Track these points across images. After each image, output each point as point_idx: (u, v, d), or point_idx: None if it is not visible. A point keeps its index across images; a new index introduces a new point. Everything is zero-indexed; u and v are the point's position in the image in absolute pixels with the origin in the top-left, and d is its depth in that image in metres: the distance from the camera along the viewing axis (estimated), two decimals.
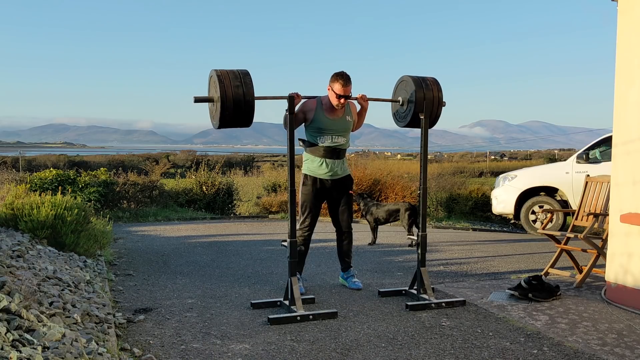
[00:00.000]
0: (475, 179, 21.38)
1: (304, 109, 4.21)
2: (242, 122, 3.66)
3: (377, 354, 3.01)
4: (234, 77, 3.57)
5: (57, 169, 11.36)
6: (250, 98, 3.57)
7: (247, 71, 3.65)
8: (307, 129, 4.29)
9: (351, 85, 4.12)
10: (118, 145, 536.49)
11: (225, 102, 3.53)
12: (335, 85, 4.11)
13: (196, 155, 40.22)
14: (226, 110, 3.55)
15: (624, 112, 4.06)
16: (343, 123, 4.26)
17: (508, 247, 7.12)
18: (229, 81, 3.54)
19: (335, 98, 4.12)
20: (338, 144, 4.26)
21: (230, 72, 3.60)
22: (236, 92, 3.54)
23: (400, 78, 4.37)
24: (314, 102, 4.23)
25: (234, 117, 3.59)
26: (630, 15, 4.00)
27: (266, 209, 11.90)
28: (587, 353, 3.03)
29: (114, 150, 68.06)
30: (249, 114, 3.62)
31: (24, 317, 2.56)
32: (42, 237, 5.05)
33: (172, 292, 4.39)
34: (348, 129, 4.31)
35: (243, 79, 3.58)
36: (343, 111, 4.27)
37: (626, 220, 3.94)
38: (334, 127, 4.22)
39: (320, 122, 4.20)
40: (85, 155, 42.55)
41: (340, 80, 4.09)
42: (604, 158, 8.03)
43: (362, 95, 4.28)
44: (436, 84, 4.21)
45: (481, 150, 74.11)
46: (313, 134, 4.26)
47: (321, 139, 4.23)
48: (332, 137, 4.23)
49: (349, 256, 4.54)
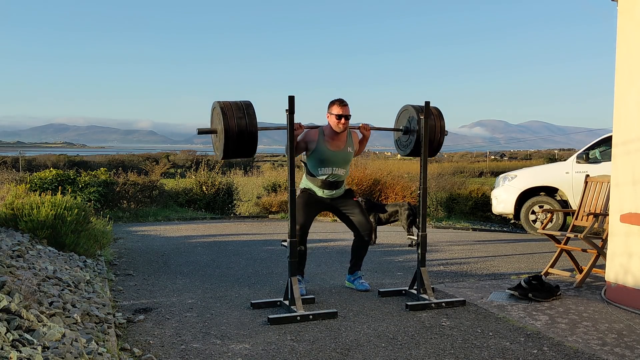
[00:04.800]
0: (475, 179, 21.39)
1: (306, 139, 4.22)
2: (245, 153, 3.68)
3: (377, 354, 3.01)
4: (236, 109, 3.59)
5: (57, 169, 11.36)
6: (254, 129, 3.60)
7: (249, 102, 3.68)
8: (308, 158, 4.31)
9: (348, 106, 4.18)
10: (118, 145, 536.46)
11: (229, 134, 3.54)
12: (333, 109, 4.17)
13: (196, 155, 40.20)
14: (229, 142, 3.57)
15: (624, 112, 4.06)
16: (344, 155, 4.28)
17: (508, 247, 7.12)
18: (232, 113, 3.56)
19: (336, 119, 4.15)
20: (338, 175, 4.30)
21: (234, 104, 3.62)
22: (239, 124, 3.55)
23: (403, 107, 4.44)
24: (316, 132, 4.24)
25: (237, 148, 3.61)
26: (630, 15, 4.00)
27: (266, 209, 11.90)
28: (587, 353, 3.03)
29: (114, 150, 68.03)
30: (252, 145, 3.64)
31: (24, 317, 2.56)
32: (42, 237, 5.05)
33: (172, 292, 4.39)
34: (349, 161, 4.35)
35: (246, 111, 3.59)
36: (345, 142, 4.28)
37: (626, 220, 3.94)
38: (335, 159, 4.24)
39: (321, 154, 4.22)
40: (85, 155, 42.52)
41: (336, 103, 4.17)
42: (604, 158, 8.03)
43: (364, 125, 4.33)
44: (438, 113, 4.28)
45: (481, 150, 74.10)
46: (314, 165, 4.27)
47: (322, 170, 4.26)
48: (332, 169, 4.26)
49: (361, 261, 4.53)
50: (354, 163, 12.01)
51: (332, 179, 4.28)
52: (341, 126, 4.16)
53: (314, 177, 4.29)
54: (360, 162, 12.44)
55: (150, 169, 17.72)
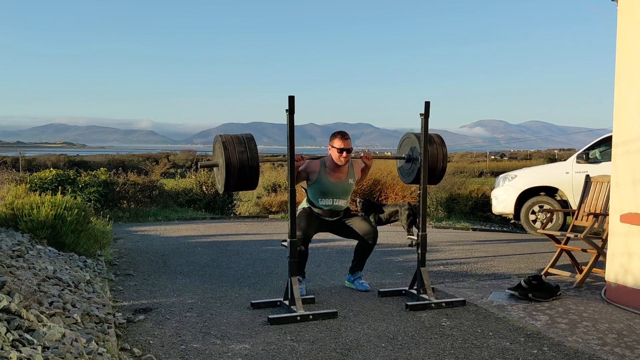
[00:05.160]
0: (475, 179, 21.36)
1: (308, 170, 4.23)
2: (246, 186, 3.70)
3: (377, 354, 3.01)
4: (238, 143, 3.61)
5: (57, 169, 11.36)
6: (255, 163, 3.62)
7: (251, 136, 3.70)
8: (308, 187, 4.33)
9: (350, 140, 4.20)
10: (118, 145, 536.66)
11: (230, 168, 3.56)
12: (335, 142, 4.18)
13: (196, 155, 40.15)
14: (231, 176, 3.59)
15: (624, 112, 4.06)
16: (345, 186, 4.29)
17: (508, 247, 7.12)
18: (233, 147, 3.58)
19: (338, 153, 4.16)
20: (338, 205, 4.32)
21: (235, 138, 3.64)
22: (241, 158, 3.57)
23: (405, 135, 4.46)
24: (318, 163, 4.25)
25: (239, 182, 3.63)
26: (630, 15, 4.00)
27: (266, 209, 11.90)
28: (587, 353, 3.03)
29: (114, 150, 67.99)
30: (253, 179, 3.66)
31: (24, 317, 2.56)
32: (42, 237, 5.05)
33: (172, 292, 4.40)
34: (349, 192, 4.36)
35: (247, 145, 3.61)
36: (346, 174, 4.29)
37: (626, 220, 3.94)
38: (336, 190, 4.26)
39: (322, 186, 4.23)
40: (85, 155, 42.48)
41: (338, 136, 4.19)
42: (604, 158, 8.03)
43: (365, 154, 4.37)
44: (440, 141, 4.30)
45: (481, 150, 74.07)
46: (314, 195, 4.29)
47: (322, 201, 4.28)
48: (333, 200, 4.28)
49: (364, 262, 4.53)
50: None
51: (334, 209, 4.31)
52: (343, 159, 4.17)
53: (315, 206, 4.31)
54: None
55: (150, 169, 17.70)
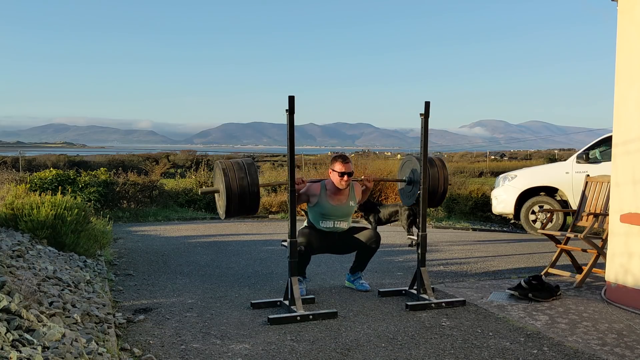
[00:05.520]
0: (475, 179, 21.34)
1: (308, 192, 4.24)
2: (247, 211, 3.71)
3: (377, 353, 3.01)
4: (238, 169, 3.62)
5: (57, 169, 11.35)
6: (255, 189, 3.63)
7: (251, 161, 3.72)
8: (309, 209, 4.34)
9: (350, 163, 4.21)
10: (118, 145, 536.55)
11: (230, 194, 3.57)
12: (335, 166, 4.19)
13: (196, 155, 40.11)
14: (231, 202, 3.60)
15: (624, 112, 4.06)
16: (346, 209, 4.30)
17: (508, 247, 7.12)
18: (233, 173, 3.59)
19: (338, 177, 4.17)
20: (339, 227, 4.33)
21: (235, 164, 3.65)
22: (241, 184, 3.58)
23: (406, 157, 4.48)
24: (318, 186, 4.26)
25: (239, 208, 3.65)
26: (630, 15, 4.00)
27: (266, 209, 11.89)
28: (587, 353, 3.03)
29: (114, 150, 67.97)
30: (254, 204, 3.67)
31: (24, 317, 2.56)
32: (42, 237, 5.05)
33: (172, 292, 4.40)
34: (350, 214, 4.37)
35: (247, 170, 3.63)
36: (347, 196, 4.29)
37: (626, 220, 3.94)
38: (337, 213, 4.27)
39: (323, 208, 4.24)
40: (85, 155, 42.43)
41: (339, 160, 4.20)
42: (604, 158, 8.03)
43: (366, 177, 4.37)
44: (441, 164, 4.31)
45: (481, 150, 74.03)
46: (315, 217, 4.31)
47: (323, 222, 4.29)
48: (334, 222, 4.29)
49: (365, 264, 4.53)
50: (353, 163, 12.00)
51: (334, 231, 4.32)
52: (344, 183, 4.18)
53: (315, 227, 4.33)
54: (360, 162, 12.43)
55: (150, 169, 17.69)
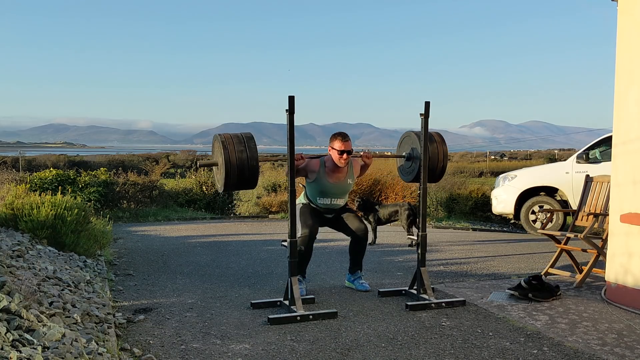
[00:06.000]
0: (475, 179, 21.36)
1: (307, 168, 4.24)
2: (246, 186, 3.69)
3: (377, 353, 3.01)
4: (237, 142, 3.59)
5: (57, 169, 11.36)
6: (255, 162, 3.60)
7: (250, 135, 3.69)
8: (307, 184, 4.35)
9: (350, 141, 4.20)
10: (118, 145, 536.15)
11: (229, 167, 3.55)
12: (335, 144, 4.19)
13: (196, 155, 40.12)
14: (230, 175, 3.58)
15: (624, 112, 4.06)
16: (344, 186, 4.31)
17: (508, 247, 7.12)
18: (232, 146, 3.56)
19: (338, 155, 4.17)
20: (336, 204, 4.34)
21: (234, 137, 3.62)
22: (240, 157, 3.56)
23: (405, 133, 4.46)
24: (317, 163, 4.26)
25: (238, 181, 3.62)
26: (630, 15, 4.00)
27: (266, 209, 11.90)
28: (587, 353, 3.03)
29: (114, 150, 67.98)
30: (253, 178, 3.65)
31: (24, 317, 2.56)
32: (42, 237, 5.05)
33: (172, 292, 4.40)
34: (348, 191, 4.39)
35: (247, 144, 3.60)
36: (346, 174, 4.30)
37: (626, 220, 3.94)
38: (335, 190, 4.28)
39: (321, 186, 4.25)
40: (85, 155, 42.47)
41: (338, 137, 4.20)
42: (604, 158, 8.02)
43: (365, 154, 4.37)
44: (440, 139, 4.29)
45: (481, 150, 74.02)
46: (313, 194, 4.31)
47: (320, 199, 4.31)
48: (331, 199, 4.31)
49: (360, 261, 4.53)
50: None
51: (331, 207, 4.35)
52: (342, 161, 4.18)
53: (313, 204, 4.34)
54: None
55: (150, 169, 17.69)
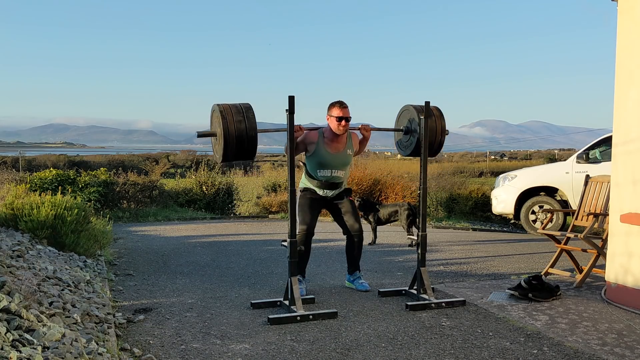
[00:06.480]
0: (475, 179, 21.37)
1: (306, 140, 4.23)
2: (245, 156, 3.67)
3: (377, 353, 3.01)
4: (236, 112, 3.57)
5: (57, 169, 11.36)
6: (253, 133, 3.58)
7: (249, 105, 3.66)
8: (307, 158, 4.32)
9: (348, 108, 4.18)
10: (118, 145, 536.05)
11: (228, 137, 3.53)
12: (333, 111, 4.17)
13: (196, 155, 40.16)
14: (229, 145, 3.56)
15: (624, 112, 4.06)
16: (344, 158, 4.28)
17: (508, 247, 7.12)
18: (231, 116, 3.54)
19: (336, 122, 4.15)
20: (337, 177, 4.30)
21: (233, 107, 3.60)
22: (238, 128, 3.54)
23: (404, 107, 4.43)
24: (316, 134, 4.24)
25: (237, 152, 3.60)
26: (630, 15, 4.00)
27: (266, 209, 11.90)
28: (587, 353, 3.03)
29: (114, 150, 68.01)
30: (251, 149, 3.63)
31: (24, 317, 2.56)
32: (42, 237, 5.05)
33: (172, 292, 4.39)
34: (348, 163, 4.35)
35: (245, 114, 3.58)
36: (344, 144, 4.28)
37: (626, 220, 3.94)
38: (335, 161, 4.25)
39: (320, 157, 4.22)
40: (85, 155, 42.50)
41: (337, 105, 4.18)
42: (604, 158, 8.03)
43: (364, 126, 4.34)
44: (439, 113, 4.27)
45: (481, 150, 74.02)
46: (313, 165, 4.28)
47: (321, 172, 4.27)
48: (331, 171, 4.26)
49: (357, 261, 4.53)
50: (354, 163, 12.03)
51: (332, 181, 4.29)
52: (341, 129, 4.16)
53: (314, 178, 4.31)
54: (360, 162, 12.44)
55: (150, 169, 17.71)
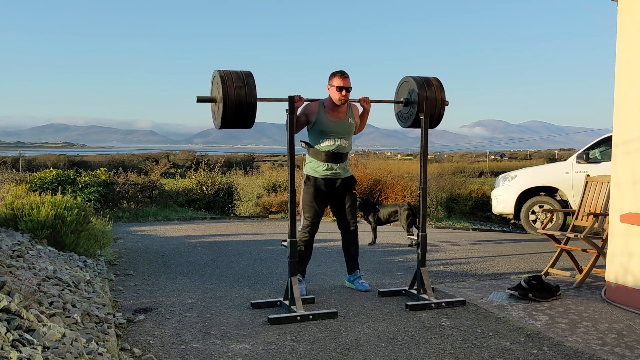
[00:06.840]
0: (475, 179, 21.36)
1: (306, 111, 4.21)
2: (243, 123, 3.67)
3: (377, 353, 3.01)
4: (236, 78, 3.58)
5: (57, 169, 11.36)
6: (253, 100, 3.59)
7: (250, 72, 3.66)
8: (309, 132, 4.29)
9: (349, 78, 4.15)
10: (118, 145, 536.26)
11: (228, 103, 3.54)
12: (334, 80, 4.16)
13: (196, 155, 40.15)
14: (228, 111, 3.56)
15: (624, 112, 4.06)
16: (345, 125, 4.26)
17: (508, 247, 7.12)
18: (231, 82, 3.55)
19: (337, 91, 4.14)
20: (341, 147, 4.26)
21: (234, 73, 3.61)
22: (238, 93, 3.54)
23: (403, 79, 4.39)
24: (316, 104, 4.23)
25: (236, 118, 3.60)
26: (630, 15, 4.00)
27: (266, 209, 11.90)
28: (587, 353, 3.03)
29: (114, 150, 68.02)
30: (250, 115, 3.63)
31: (24, 317, 2.56)
32: (42, 237, 5.05)
33: (172, 292, 4.40)
34: (350, 132, 4.32)
35: (246, 80, 3.59)
36: (345, 113, 4.27)
37: (626, 220, 3.94)
38: (337, 129, 4.22)
39: (322, 125, 4.20)
40: (85, 155, 42.48)
41: (337, 74, 4.15)
42: (604, 158, 8.02)
43: (364, 98, 4.31)
44: (439, 84, 4.22)
45: (481, 150, 74.02)
46: (315, 137, 4.25)
47: (324, 141, 4.22)
48: (334, 139, 4.22)
49: (355, 258, 4.52)
50: (354, 163, 12.03)
51: (336, 151, 4.24)
52: (342, 98, 4.15)
53: (317, 151, 4.24)
54: (360, 162, 12.43)
55: (150, 169, 17.71)
